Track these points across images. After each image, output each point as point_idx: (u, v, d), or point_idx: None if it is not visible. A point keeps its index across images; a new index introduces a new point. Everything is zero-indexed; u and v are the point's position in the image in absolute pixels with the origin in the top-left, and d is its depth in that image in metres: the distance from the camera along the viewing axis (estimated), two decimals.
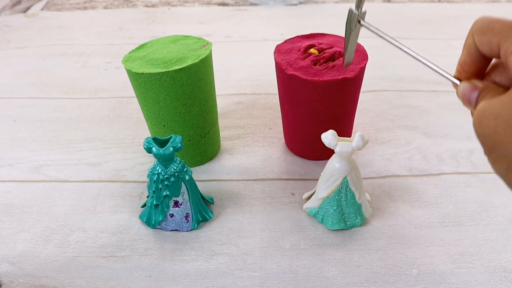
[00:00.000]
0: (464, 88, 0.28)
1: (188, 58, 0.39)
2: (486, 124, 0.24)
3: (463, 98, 0.28)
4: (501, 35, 0.25)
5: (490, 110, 0.24)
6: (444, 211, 0.40)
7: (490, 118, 0.24)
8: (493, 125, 0.23)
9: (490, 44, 0.26)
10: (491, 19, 0.26)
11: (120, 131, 0.53)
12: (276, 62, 0.41)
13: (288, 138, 0.48)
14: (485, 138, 0.24)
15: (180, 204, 0.38)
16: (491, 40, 0.25)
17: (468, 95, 0.27)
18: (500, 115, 0.23)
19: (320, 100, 0.40)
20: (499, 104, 0.23)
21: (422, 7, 0.86)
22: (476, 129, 0.25)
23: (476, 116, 0.25)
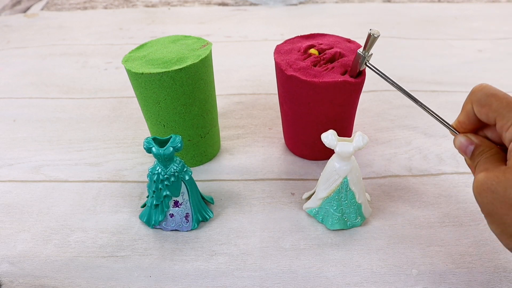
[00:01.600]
0: (461, 141, 0.32)
1: (188, 58, 0.39)
2: (485, 195, 0.28)
3: (460, 149, 0.32)
4: (498, 113, 0.29)
5: (487, 184, 0.27)
6: (444, 211, 0.40)
7: (487, 191, 0.27)
8: (490, 198, 0.27)
9: (488, 117, 0.30)
10: (489, 93, 0.30)
11: (120, 131, 0.53)
12: (276, 63, 0.41)
13: (288, 138, 0.48)
14: (483, 206, 0.28)
15: (180, 204, 0.38)
16: (489, 114, 0.30)
17: (465, 148, 0.32)
18: (496, 190, 0.27)
19: (320, 101, 0.40)
20: (496, 180, 0.27)
21: (422, 7, 0.86)
22: (476, 197, 0.29)
23: (476, 187, 0.28)
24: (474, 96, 0.31)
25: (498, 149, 0.30)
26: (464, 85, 0.59)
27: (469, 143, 0.31)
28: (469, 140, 0.32)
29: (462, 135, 0.32)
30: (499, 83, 0.60)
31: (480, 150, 0.31)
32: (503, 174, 0.27)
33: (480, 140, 0.31)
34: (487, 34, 0.74)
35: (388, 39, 0.73)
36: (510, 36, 0.73)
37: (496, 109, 0.29)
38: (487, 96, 0.30)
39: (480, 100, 0.30)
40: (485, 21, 0.79)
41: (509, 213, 0.27)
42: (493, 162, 0.29)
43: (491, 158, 0.30)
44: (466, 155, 0.32)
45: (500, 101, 0.29)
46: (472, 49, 0.69)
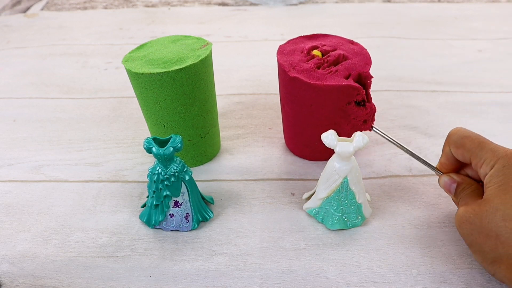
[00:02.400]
0: (445, 181, 0.36)
1: (188, 58, 0.39)
2: (464, 227, 0.31)
3: (444, 187, 0.36)
4: (471, 152, 0.33)
5: (466, 217, 0.31)
6: (444, 211, 0.40)
7: (466, 223, 0.31)
8: (469, 229, 0.31)
9: (464, 156, 0.34)
10: (463, 135, 0.34)
11: (120, 131, 0.53)
12: (279, 64, 0.41)
13: (288, 139, 0.48)
14: (465, 237, 0.32)
15: (180, 204, 0.38)
16: (464, 154, 0.33)
17: (449, 186, 0.36)
18: (473, 221, 0.30)
19: (322, 104, 0.40)
20: (473, 213, 0.30)
21: (422, 7, 0.86)
22: (458, 229, 0.32)
23: (457, 220, 0.32)
24: (450, 139, 0.35)
25: (478, 186, 0.34)
26: (464, 85, 0.59)
27: (452, 181, 0.35)
28: (451, 179, 0.35)
29: (446, 175, 0.36)
30: (499, 83, 0.60)
31: (462, 187, 0.34)
32: (479, 206, 0.30)
33: (462, 178, 0.35)
34: (487, 34, 0.74)
35: (388, 39, 0.73)
36: (510, 36, 0.73)
37: (470, 149, 0.33)
38: (461, 138, 0.34)
39: (456, 142, 0.34)
40: (485, 21, 0.79)
41: (486, 242, 0.30)
42: (472, 197, 0.33)
43: (471, 194, 0.33)
44: (450, 193, 0.36)
45: (472, 142, 0.33)
46: (472, 49, 0.69)
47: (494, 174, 0.31)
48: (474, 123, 0.52)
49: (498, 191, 0.30)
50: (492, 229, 0.29)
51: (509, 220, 0.28)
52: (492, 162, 0.31)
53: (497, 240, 0.29)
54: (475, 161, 0.32)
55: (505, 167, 0.30)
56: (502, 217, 0.29)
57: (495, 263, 0.30)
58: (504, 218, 0.28)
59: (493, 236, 0.29)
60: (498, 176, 0.30)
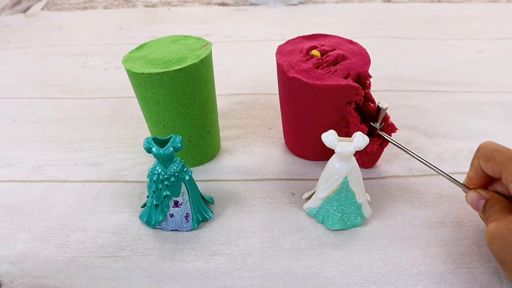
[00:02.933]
0: (473, 197, 0.34)
1: (188, 58, 0.39)
2: (496, 243, 0.30)
3: (472, 204, 0.35)
4: (502, 166, 0.31)
5: (498, 233, 0.30)
6: (444, 211, 0.40)
7: (498, 239, 0.29)
8: (502, 245, 0.29)
9: (493, 170, 0.32)
10: (493, 148, 0.32)
11: (120, 131, 0.53)
12: (278, 64, 0.41)
13: (288, 139, 0.48)
14: (496, 254, 0.30)
15: (180, 204, 0.38)
16: (494, 168, 0.32)
17: (477, 203, 0.34)
18: (506, 238, 0.29)
19: (321, 104, 0.40)
20: (505, 229, 0.29)
21: (422, 7, 0.86)
22: (488, 246, 0.31)
23: (488, 237, 0.30)
24: (480, 153, 0.33)
25: (508, 202, 0.33)
26: (464, 85, 0.60)
27: (480, 198, 0.34)
28: (480, 195, 0.34)
29: (473, 191, 0.35)
30: (499, 83, 0.60)
31: (491, 203, 0.33)
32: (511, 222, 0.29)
33: (490, 194, 0.34)
34: (487, 34, 0.74)
35: (388, 39, 0.73)
36: (510, 36, 0.73)
37: (500, 162, 0.31)
38: (491, 151, 0.32)
39: (486, 156, 0.33)
40: (485, 21, 0.79)
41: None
42: (503, 213, 0.31)
43: (501, 210, 0.32)
44: (478, 209, 0.34)
45: (503, 155, 0.32)
46: (472, 49, 0.69)
47: None
48: (474, 123, 0.52)
49: None
50: None
51: None
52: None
53: None
54: (505, 174, 0.31)
55: None
56: None
57: None
58: None
59: None
60: None
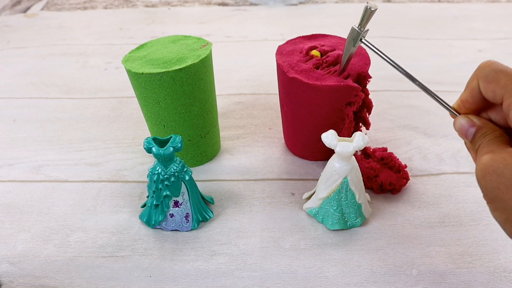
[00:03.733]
0: (462, 123, 0.30)
1: (188, 58, 0.39)
2: (489, 179, 0.25)
3: (460, 131, 0.30)
4: (506, 89, 0.26)
5: (493, 167, 0.25)
6: (444, 211, 0.40)
7: (493, 174, 0.25)
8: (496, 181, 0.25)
9: (494, 94, 0.27)
10: (498, 69, 0.27)
11: (120, 131, 0.53)
12: (278, 64, 0.41)
13: (288, 139, 0.48)
14: (487, 191, 0.26)
15: (180, 204, 0.38)
16: (496, 91, 0.27)
17: (466, 130, 0.29)
18: (502, 173, 0.25)
19: (321, 104, 0.40)
20: (503, 163, 0.25)
21: (422, 7, 0.86)
22: (479, 181, 0.26)
23: (480, 170, 0.26)
24: (481, 72, 0.28)
25: (503, 132, 0.28)
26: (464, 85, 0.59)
27: (471, 125, 0.29)
28: (470, 121, 0.29)
29: (463, 116, 0.30)
30: None
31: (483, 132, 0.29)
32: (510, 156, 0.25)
33: (483, 122, 0.29)
34: (487, 34, 0.74)
35: (388, 39, 0.73)
36: (510, 36, 0.73)
37: (504, 86, 0.27)
38: (495, 72, 0.28)
39: (488, 76, 0.28)
40: (485, 21, 0.79)
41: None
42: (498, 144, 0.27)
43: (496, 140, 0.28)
44: (466, 138, 0.30)
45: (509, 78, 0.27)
46: (472, 49, 0.69)
47: None
48: None
49: None
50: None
51: None
52: None
53: None
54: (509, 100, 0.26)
55: None
56: None
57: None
58: None
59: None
60: None
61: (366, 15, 0.34)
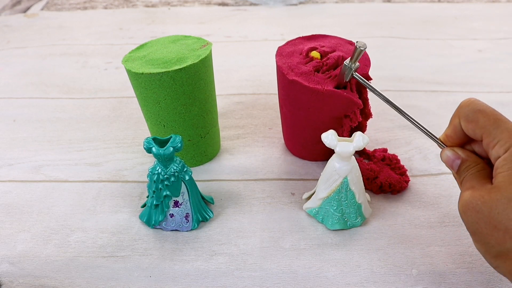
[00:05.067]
0: (448, 155, 0.32)
1: (188, 58, 0.39)
2: (470, 214, 0.28)
3: (446, 162, 0.32)
4: (484, 130, 0.29)
5: (473, 204, 0.28)
6: (444, 211, 0.40)
7: (472, 211, 0.28)
8: (475, 217, 0.27)
9: (475, 133, 0.30)
10: (477, 109, 0.29)
11: (120, 131, 0.53)
12: (278, 66, 0.41)
13: (287, 139, 0.48)
14: (468, 225, 0.28)
15: (180, 204, 0.38)
16: (476, 131, 0.29)
17: (452, 162, 0.32)
18: (481, 210, 0.27)
19: (320, 107, 0.40)
20: (481, 200, 0.27)
21: (422, 7, 0.86)
22: (461, 215, 0.29)
23: (462, 206, 0.29)
24: (462, 111, 0.30)
25: (485, 165, 0.30)
26: (464, 85, 0.60)
27: (456, 157, 0.31)
28: (455, 154, 0.32)
29: (449, 149, 0.32)
30: (499, 83, 0.60)
31: (467, 165, 0.31)
32: (488, 193, 0.27)
33: (467, 154, 0.31)
34: (487, 34, 0.74)
35: (388, 39, 0.73)
36: (510, 36, 0.73)
37: (483, 126, 0.29)
38: (474, 112, 0.29)
39: (468, 116, 0.30)
40: (485, 21, 0.79)
41: (493, 234, 0.27)
42: (479, 179, 0.29)
43: (477, 175, 0.30)
44: (452, 169, 0.32)
45: (487, 118, 0.29)
46: (472, 49, 0.69)
47: (509, 158, 0.27)
48: None
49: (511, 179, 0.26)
50: (501, 221, 0.26)
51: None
52: (508, 144, 0.27)
53: (506, 233, 0.26)
54: (487, 140, 0.28)
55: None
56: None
57: (499, 257, 0.27)
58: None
59: (502, 229, 0.26)
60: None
61: (356, 53, 0.36)
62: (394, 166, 0.43)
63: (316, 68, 0.40)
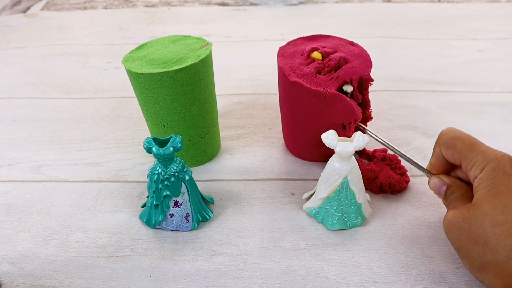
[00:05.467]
0: (434, 182, 0.35)
1: (188, 58, 0.39)
2: (453, 232, 0.30)
3: (434, 189, 0.35)
4: (462, 154, 0.32)
5: (454, 221, 0.30)
6: (444, 211, 0.40)
7: (455, 228, 0.30)
8: (458, 233, 0.30)
9: (454, 158, 0.33)
10: (454, 136, 0.32)
11: (120, 131, 0.53)
12: (279, 67, 0.41)
13: (287, 140, 0.48)
14: (453, 242, 0.31)
15: (180, 204, 0.38)
16: (454, 155, 0.32)
17: (438, 188, 0.34)
18: (462, 227, 0.29)
19: (321, 110, 0.39)
20: (461, 217, 0.30)
21: (422, 7, 0.86)
22: (446, 234, 0.31)
23: (445, 225, 0.31)
24: (441, 139, 0.33)
25: (468, 188, 0.33)
26: (464, 85, 0.60)
27: (442, 183, 0.34)
28: (441, 181, 0.34)
29: (435, 177, 0.35)
30: (499, 83, 0.60)
31: (452, 190, 0.33)
32: (468, 211, 0.29)
33: (452, 180, 0.34)
34: (487, 34, 0.74)
35: (388, 39, 0.73)
36: (510, 36, 0.73)
37: (460, 150, 0.32)
38: (452, 139, 0.32)
39: (446, 143, 0.33)
40: (485, 21, 0.79)
41: (474, 248, 0.29)
42: (461, 200, 0.32)
43: (461, 197, 0.32)
44: (440, 195, 0.35)
45: (463, 143, 0.32)
46: (472, 49, 0.69)
47: (484, 177, 0.30)
48: (474, 123, 0.52)
49: (487, 196, 0.29)
50: (480, 235, 0.28)
51: (498, 226, 0.27)
52: (482, 165, 0.30)
53: (485, 246, 0.28)
54: (465, 163, 0.31)
55: (495, 171, 0.29)
56: (491, 223, 0.28)
57: (482, 270, 0.29)
58: (493, 224, 0.28)
59: (481, 243, 0.28)
60: (488, 180, 0.29)
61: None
62: (394, 166, 0.43)
63: (318, 69, 0.40)
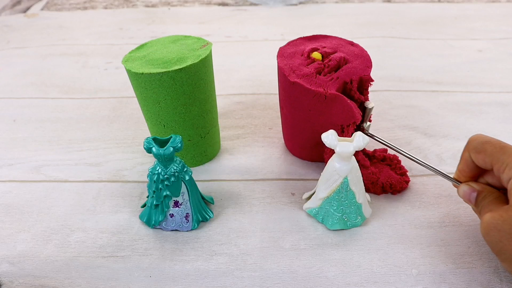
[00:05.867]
0: (464, 190, 0.34)
1: (188, 58, 0.39)
2: (492, 234, 0.30)
3: (463, 197, 0.35)
4: (493, 157, 0.31)
5: (494, 224, 0.29)
6: (444, 211, 0.40)
7: (494, 230, 0.29)
8: (498, 236, 0.29)
9: (485, 162, 0.32)
10: (484, 141, 0.33)
11: (120, 131, 0.53)
12: (279, 67, 0.41)
13: (287, 140, 0.48)
14: (493, 245, 0.30)
15: (180, 204, 0.38)
16: (485, 159, 0.32)
17: (468, 196, 0.34)
18: (502, 228, 0.29)
19: (321, 110, 0.39)
20: (501, 219, 0.29)
21: (422, 7, 0.86)
22: (484, 237, 0.30)
23: (483, 228, 0.30)
24: (471, 145, 0.34)
25: (500, 193, 0.33)
26: (464, 85, 0.59)
27: (472, 190, 0.34)
28: (471, 188, 0.34)
29: (464, 184, 0.35)
30: (499, 83, 0.60)
31: (483, 195, 0.33)
32: (507, 212, 0.29)
33: (482, 186, 0.34)
34: (487, 34, 0.74)
35: (388, 39, 0.73)
36: (510, 36, 0.73)
37: (491, 154, 0.32)
38: (482, 144, 0.32)
39: (476, 148, 0.33)
40: (485, 21, 0.79)
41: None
42: (496, 203, 0.31)
43: (494, 201, 0.32)
44: (470, 202, 0.34)
45: (494, 146, 0.32)
46: (472, 49, 0.69)
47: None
48: (474, 123, 0.52)
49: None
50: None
51: None
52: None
53: None
54: (497, 165, 0.31)
55: None
56: None
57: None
58: None
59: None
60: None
61: (366, 113, 0.39)
62: (395, 166, 0.43)
63: (318, 70, 0.40)
